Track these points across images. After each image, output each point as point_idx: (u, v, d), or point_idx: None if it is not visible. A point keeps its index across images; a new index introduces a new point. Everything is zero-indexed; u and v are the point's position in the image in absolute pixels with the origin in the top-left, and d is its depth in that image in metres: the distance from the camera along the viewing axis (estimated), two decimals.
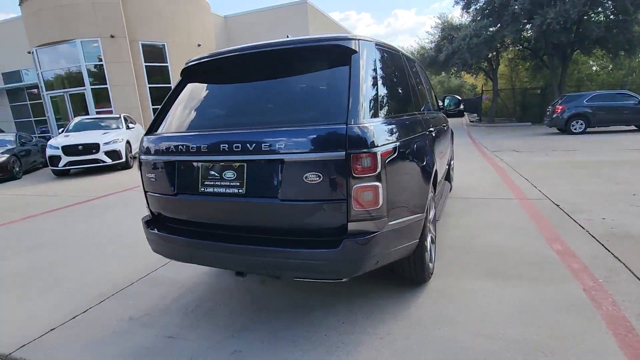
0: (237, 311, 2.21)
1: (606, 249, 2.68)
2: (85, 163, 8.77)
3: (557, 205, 3.85)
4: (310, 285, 2.39)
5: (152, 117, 2.79)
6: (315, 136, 1.62)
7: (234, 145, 1.73)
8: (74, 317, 2.25)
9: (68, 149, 8.56)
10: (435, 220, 2.59)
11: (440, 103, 3.75)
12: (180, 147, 1.90)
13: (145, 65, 14.73)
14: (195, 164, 1.89)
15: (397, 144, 1.82)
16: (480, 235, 3.17)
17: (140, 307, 2.32)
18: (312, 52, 1.90)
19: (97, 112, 13.77)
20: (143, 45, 14.57)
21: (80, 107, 14.35)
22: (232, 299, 2.36)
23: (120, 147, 9.06)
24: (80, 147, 8.60)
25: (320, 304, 2.21)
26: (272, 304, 2.27)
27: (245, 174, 1.75)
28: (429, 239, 2.31)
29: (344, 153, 1.56)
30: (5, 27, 19.07)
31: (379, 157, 1.61)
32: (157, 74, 15.17)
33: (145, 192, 2.16)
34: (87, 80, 13.98)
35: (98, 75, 14.11)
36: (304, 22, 20.29)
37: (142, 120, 13.50)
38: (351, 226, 1.64)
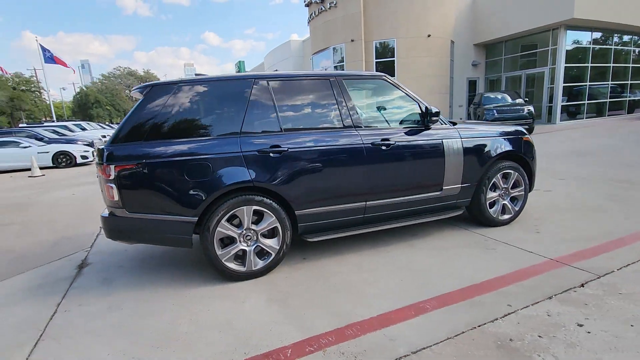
0: None
1: None
2: None
3: None
4: None
5: None
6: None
7: None
8: None
9: None
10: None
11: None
12: None
13: (376, 62, 16.88)
14: None
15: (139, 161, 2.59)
16: None
17: None
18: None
19: None
20: (376, 44, 16.71)
21: None
22: None
23: None
24: None
25: None
26: None
27: None
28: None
29: (102, 164, 2.61)
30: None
31: (112, 168, 2.53)
32: (383, 69, 17.02)
33: None
34: None
35: None
36: None
37: None
38: (109, 209, 2.69)
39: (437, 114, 3.25)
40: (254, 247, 2.87)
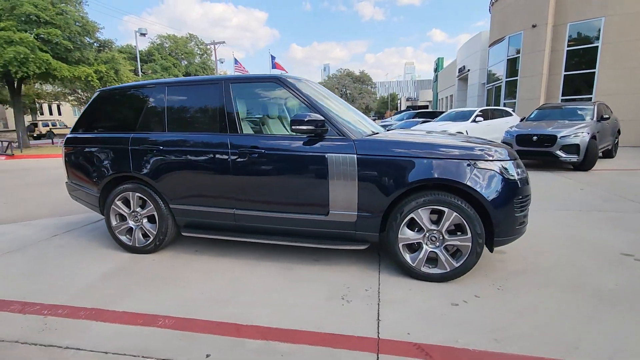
0: None
1: None
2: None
3: None
4: None
5: None
6: None
7: None
8: None
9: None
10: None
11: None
12: None
13: (567, 50, 12.93)
14: None
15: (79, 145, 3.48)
16: None
17: None
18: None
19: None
20: (570, 27, 12.76)
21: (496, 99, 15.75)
22: None
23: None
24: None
25: None
26: None
27: None
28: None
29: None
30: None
31: (63, 149, 3.58)
32: (579, 59, 12.81)
33: None
34: (504, 72, 14.93)
35: (513, 68, 14.56)
36: None
37: None
38: None
39: (312, 122, 2.68)
40: (138, 227, 3.36)
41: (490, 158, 2.56)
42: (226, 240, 3.41)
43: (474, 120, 11.18)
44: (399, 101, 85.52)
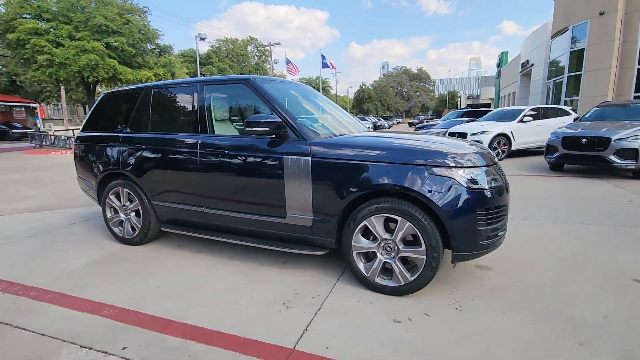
0: None
1: None
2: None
3: None
4: None
5: None
6: None
7: None
8: None
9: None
10: None
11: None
12: None
13: None
14: None
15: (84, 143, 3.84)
16: None
17: None
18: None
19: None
20: None
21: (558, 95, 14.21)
22: None
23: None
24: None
25: None
26: None
27: None
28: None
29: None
30: None
31: (74, 146, 3.96)
32: None
33: None
34: (566, 67, 13.41)
35: (577, 62, 12.99)
36: None
37: None
38: None
39: (268, 123, 2.65)
40: (127, 220, 3.61)
41: (450, 164, 2.32)
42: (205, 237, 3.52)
43: (521, 120, 10.23)
44: (459, 99, 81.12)
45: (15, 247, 3.69)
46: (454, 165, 2.32)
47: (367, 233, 2.56)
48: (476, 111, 15.91)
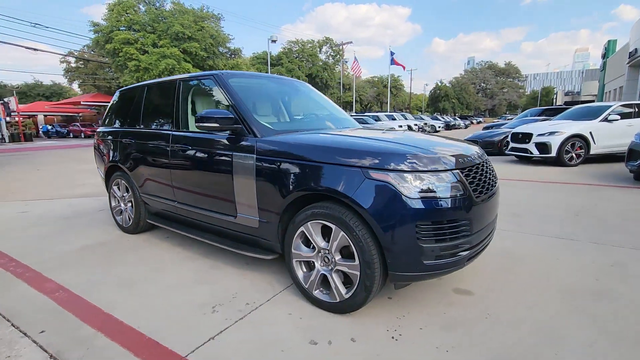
0: None
1: None
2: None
3: None
4: None
5: None
6: None
7: None
8: None
9: None
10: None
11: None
12: None
13: None
14: None
15: (97, 138, 4.20)
16: None
17: None
18: None
19: None
20: None
21: None
22: None
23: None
24: None
25: None
26: None
27: None
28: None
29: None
30: None
31: (95, 140, 4.38)
32: None
33: None
34: None
35: None
36: None
37: None
38: None
39: (217, 119, 2.54)
40: (124, 210, 3.86)
41: (389, 167, 1.96)
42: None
43: (605, 119, 8.56)
44: (554, 96, 71.77)
45: (44, 228, 4.21)
46: (394, 168, 1.96)
47: (308, 240, 2.32)
48: (562, 109, 13.63)
